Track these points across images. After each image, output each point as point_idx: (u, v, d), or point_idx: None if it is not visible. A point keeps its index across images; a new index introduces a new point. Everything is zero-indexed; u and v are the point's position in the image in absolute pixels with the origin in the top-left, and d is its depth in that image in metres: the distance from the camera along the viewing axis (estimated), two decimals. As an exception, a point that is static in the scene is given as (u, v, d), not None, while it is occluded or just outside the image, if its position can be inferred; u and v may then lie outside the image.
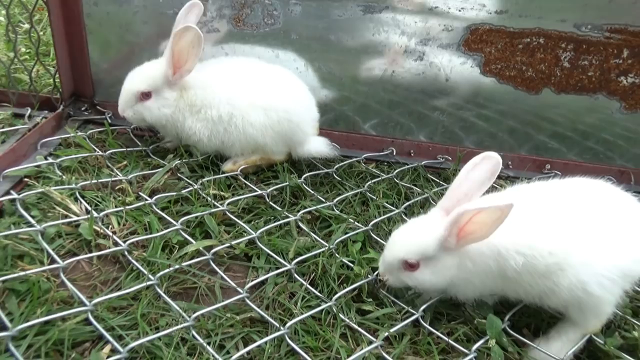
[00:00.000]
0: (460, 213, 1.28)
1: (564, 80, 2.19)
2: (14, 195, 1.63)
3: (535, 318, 1.57)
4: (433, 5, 2.10)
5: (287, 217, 1.82)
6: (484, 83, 2.22)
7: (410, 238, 1.43)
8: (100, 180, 1.81)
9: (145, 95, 1.95)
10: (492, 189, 1.51)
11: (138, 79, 1.96)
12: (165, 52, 1.89)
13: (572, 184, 1.56)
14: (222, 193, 1.91)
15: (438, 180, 2.24)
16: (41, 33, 2.86)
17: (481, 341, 1.42)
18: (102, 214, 1.64)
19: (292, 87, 2.10)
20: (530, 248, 1.34)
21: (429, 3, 2.10)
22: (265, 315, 1.41)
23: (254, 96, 1.97)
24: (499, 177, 2.29)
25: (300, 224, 1.80)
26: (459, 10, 2.10)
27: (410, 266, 1.41)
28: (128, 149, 2.06)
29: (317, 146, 2.10)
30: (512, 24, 2.11)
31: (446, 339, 1.44)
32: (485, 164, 1.41)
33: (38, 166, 1.83)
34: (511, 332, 1.48)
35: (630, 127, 2.32)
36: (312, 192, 2.00)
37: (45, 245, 1.47)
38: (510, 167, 2.38)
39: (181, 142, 2.08)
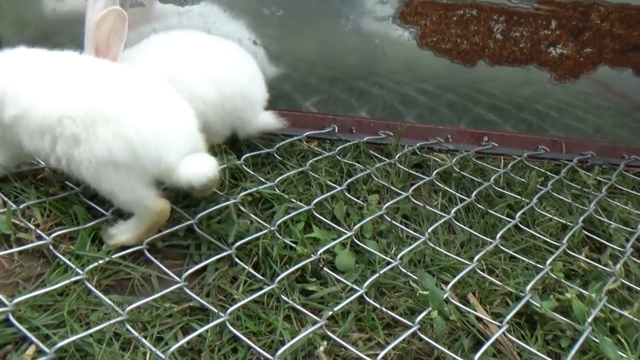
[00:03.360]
0: None
1: (497, 52, 2.23)
2: None
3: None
4: (367, -23, 2.07)
5: (227, 200, 1.75)
6: (421, 57, 2.22)
7: None
8: (18, 170, 1.67)
9: None
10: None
11: None
12: (86, 42, 1.64)
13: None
14: (156, 178, 1.81)
15: (380, 156, 2.24)
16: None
17: (423, 313, 1.43)
18: (22, 206, 1.52)
19: (243, 60, 1.96)
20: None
21: (362, -25, 2.06)
22: (205, 303, 1.36)
23: (200, 69, 1.82)
24: (439, 150, 2.35)
25: (241, 207, 1.74)
26: (393, -18, 2.08)
27: None
28: (51, 136, 1.91)
29: (265, 119, 2.00)
30: (446, -4, 2.11)
31: (390, 313, 1.44)
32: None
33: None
34: (453, 301, 1.50)
35: (561, 98, 2.41)
36: (253, 173, 1.94)
37: (-44, 243, 1.34)
38: (450, 140, 2.41)
39: None
